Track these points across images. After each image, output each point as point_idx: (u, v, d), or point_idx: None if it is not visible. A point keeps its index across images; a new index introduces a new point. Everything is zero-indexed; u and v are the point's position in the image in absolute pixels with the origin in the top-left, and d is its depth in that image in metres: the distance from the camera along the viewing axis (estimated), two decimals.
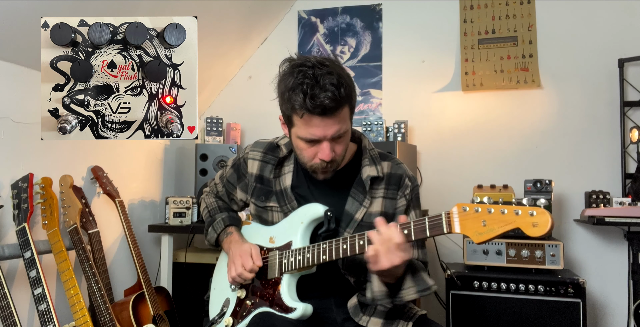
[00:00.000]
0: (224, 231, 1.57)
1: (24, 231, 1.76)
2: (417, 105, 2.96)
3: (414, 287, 1.30)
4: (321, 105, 1.24)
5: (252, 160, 1.57)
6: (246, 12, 2.86)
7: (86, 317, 1.76)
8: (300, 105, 1.26)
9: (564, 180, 2.68)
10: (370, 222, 1.43)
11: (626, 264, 2.56)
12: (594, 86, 2.72)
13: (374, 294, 1.31)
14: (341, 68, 1.32)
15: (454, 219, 1.15)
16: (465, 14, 2.91)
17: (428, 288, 1.31)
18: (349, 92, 1.29)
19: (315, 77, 1.25)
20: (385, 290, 1.29)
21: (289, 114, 1.33)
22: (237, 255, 1.46)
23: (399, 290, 1.30)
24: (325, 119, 1.28)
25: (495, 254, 2.28)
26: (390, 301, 1.31)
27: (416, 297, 1.31)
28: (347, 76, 1.32)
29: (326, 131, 1.30)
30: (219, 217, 1.60)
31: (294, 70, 1.28)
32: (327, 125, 1.29)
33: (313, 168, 1.40)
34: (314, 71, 1.26)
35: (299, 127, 1.33)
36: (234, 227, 1.58)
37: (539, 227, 1.05)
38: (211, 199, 1.70)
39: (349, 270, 1.44)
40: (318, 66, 1.27)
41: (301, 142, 1.36)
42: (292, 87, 1.27)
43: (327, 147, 1.33)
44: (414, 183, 1.51)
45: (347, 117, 1.34)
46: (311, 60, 1.29)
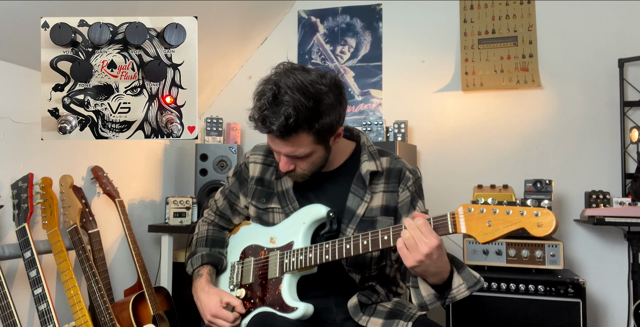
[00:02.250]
0: (197, 271, 1.54)
1: (24, 231, 1.76)
2: (417, 105, 2.97)
3: (464, 284, 1.25)
4: (269, 129, 1.29)
5: (253, 164, 1.57)
6: (246, 12, 2.86)
7: (86, 317, 1.76)
8: (254, 122, 1.32)
9: (564, 180, 2.68)
10: (371, 217, 1.44)
11: (626, 264, 2.56)
12: (594, 86, 2.72)
13: (424, 299, 1.28)
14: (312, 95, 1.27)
15: (459, 219, 1.16)
16: (465, 14, 2.91)
17: (478, 282, 1.25)
18: (305, 122, 1.27)
19: (275, 100, 1.27)
20: (434, 292, 1.27)
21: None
22: (211, 316, 1.41)
23: (449, 289, 1.26)
24: (275, 139, 1.33)
25: (495, 254, 2.28)
26: (442, 302, 1.27)
27: (468, 294, 1.25)
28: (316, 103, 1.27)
29: (280, 149, 1.36)
30: (199, 251, 1.57)
31: (265, 85, 1.31)
32: (280, 144, 1.34)
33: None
34: (278, 92, 1.27)
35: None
36: (209, 267, 1.54)
37: (543, 227, 1.07)
38: (204, 227, 1.66)
39: (355, 267, 1.44)
40: (285, 89, 1.26)
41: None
42: (255, 99, 1.32)
43: (283, 160, 1.38)
44: (415, 175, 1.51)
45: (307, 143, 1.32)
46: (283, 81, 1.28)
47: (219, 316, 1.40)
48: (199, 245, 1.61)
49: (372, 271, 1.47)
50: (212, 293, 1.45)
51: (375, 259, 1.46)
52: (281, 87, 1.27)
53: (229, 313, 1.39)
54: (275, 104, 1.27)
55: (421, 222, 1.18)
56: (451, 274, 1.26)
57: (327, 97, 1.30)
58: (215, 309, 1.41)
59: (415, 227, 1.18)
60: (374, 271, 1.47)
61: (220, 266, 1.56)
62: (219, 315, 1.40)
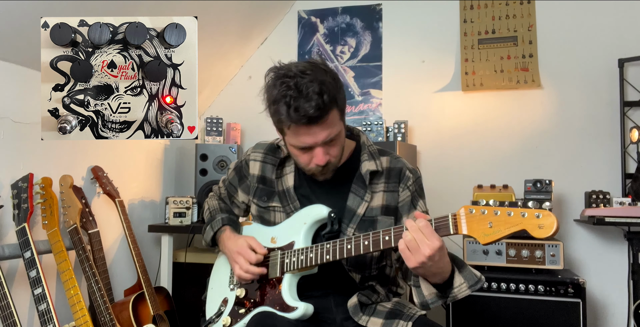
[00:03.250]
0: (220, 230, 1.58)
1: (24, 231, 1.76)
2: (417, 105, 2.96)
3: (465, 283, 1.26)
4: (305, 116, 1.25)
5: (253, 162, 1.58)
6: (246, 12, 2.86)
7: (86, 317, 1.76)
8: (286, 118, 1.27)
9: (564, 180, 2.68)
10: (372, 217, 1.44)
11: (626, 264, 2.56)
12: (594, 86, 2.72)
13: (425, 298, 1.28)
14: (324, 72, 1.30)
15: (460, 220, 1.16)
16: (465, 14, 2.91)
17: (479, 281, 1.27)
18: (333, 97, 1.29)
19: (298, 87, 1.25)
20: (435, 291, 1.27)
21: (278, 125, 1.35)
22: (235, 252, 1.46)
23: (450, 288, 1.26)
24: (313, 127, 1.29)
25: (495, 254, 2.28)
26: (444, 301, 1.28)
27: (469, 292, 1.26)
28: (332, 79, 1.31)
29: (316, 138, 1.31)
30: (219, 216, 1.61)
31: (277, 82, 1.29)
32: (315, 133, 1.30)
33: (311, 172, 1.42)
34: (296, 81, 1.26)
35: (289, 137, 1.35)
36: (230, 227, 1.58)
37: (544, 229, 1.07)
38: (214, 201, 1.72)
39: (355, 267, 1.44)
40: (300, 75, 1.27)
41: (295, 149, 1.38)
42: (276, 100, 1.28)
43: (320, 152, 1.34)
44: (416, 174, 1.51)
45: (337, 120, 1.34)
46: (292, 70, 1.28)
47: (243, 254, 1.44)
48: (215, 213, 1.65)
49: (372, 271, 1.47)
50: (238, 237, 1.51)
51: (376, 259, 1.46)
52: (295, 76, 1.27)
53: (252, 253, 1.42)
54: (299, 90, 1.25)
55: (423, 223, 1.18)
56: (452, 274, 1.26)
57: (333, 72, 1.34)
58: (241, 248, 1.45)
59: (417, 229, 1.18)
60: (374, 271, 1.47)
61: (238, 230, 1.60)
62: (243, 253, 1.44)
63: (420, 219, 1.20)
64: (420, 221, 1.19)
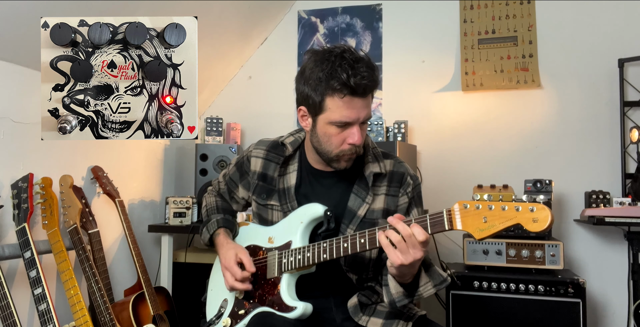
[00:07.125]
0: (215, 233, 1.58)
1: (24, 231, 1.76)
2: (417, 105, 2.96)
3: (431, 282, 1.31)
4: (362, 84, 1.29)
5: (255, 158, 1.58)
6: (246, 12, 2.86)
7: (86, 317, 1.76)
8: (344, 84, 1.29)
9: (564, 180, 2.68)
10: (372, 219, 1.44)
11: (626, 264, 2.56)
12: (593, 86, 2.72)
13: (393, 297, 1.30)
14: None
15: (455, 215, 1.16)
16: (465, 14, 2.91)
17: (444, 281, 1.32)
18: (377, 75, 1.35)
19: (354, 59, 1.30)
20: (402, 290, 1.29)
21: (321, 100, 1.33)
22: (223, 266, 1.48)
23: (416, 288, 1.31)
24: (361, 100, 1.32)
25: (495, 254, 2.28)
26: (410, 300, 1.31)
27: (434, 291, 1.32)
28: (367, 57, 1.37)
29: (359, 113, 1.33)
30: (214, 218, 1.61)
31: (330, 56, 1.31)
32: (361, 108, 1.33)
33: (340, 155, 1.40)
34: (350, 55, 1.31)
35: (332, 112, 1.33)
36: (224, 229, 1.58)
37: (539, 222, 1.07)
38: (212, 198, 1.72)
39: (352, 267, 1.44)
40: (349, 51, 1.32)
41: (332, 127, 1.36)
42: (333, 69, 1.30)
43: (358, 130, 1.35)
44: (416, 181, 1.52)
45: (371, 100, 1.39)
46: (341, 47, 1.33)
47: (229, 270, 1.45)
48: (212, 213, 1.66)
49: (369, 273, 1.47)
50: (229, 247, 1.50)
51: (374, 260, 1.46)
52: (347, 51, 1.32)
53: (238, 270, 1.43)
54: (357, 60, 1.30)
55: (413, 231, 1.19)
56: (419, 273, 1.29)
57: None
58: (228, 263, 1.45)
59: (408, 235, 1.19)
60: (370, 273, 1.47)
61: (234, 230, 1.61)
62: (230, 269, 1.45)
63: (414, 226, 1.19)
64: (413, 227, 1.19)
